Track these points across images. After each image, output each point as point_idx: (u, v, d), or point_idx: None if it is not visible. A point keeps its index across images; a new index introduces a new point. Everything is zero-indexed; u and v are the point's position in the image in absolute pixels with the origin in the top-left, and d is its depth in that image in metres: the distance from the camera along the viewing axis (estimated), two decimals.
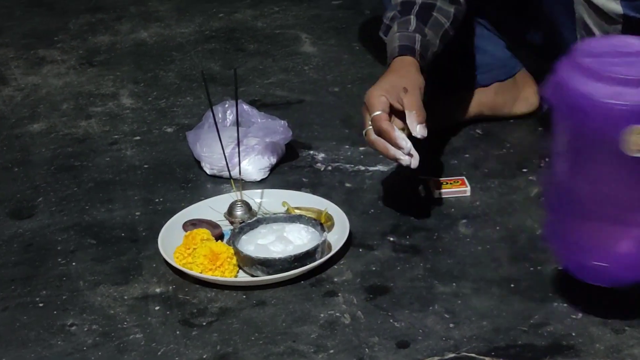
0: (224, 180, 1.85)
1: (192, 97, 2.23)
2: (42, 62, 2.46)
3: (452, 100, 1.96)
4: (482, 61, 1.94)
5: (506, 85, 1.97)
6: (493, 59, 1.95)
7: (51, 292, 1.58)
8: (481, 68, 1.95)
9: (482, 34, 1.93)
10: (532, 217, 1.70)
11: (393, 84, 1.62)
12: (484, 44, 1.94)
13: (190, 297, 1.55)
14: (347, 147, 1.96)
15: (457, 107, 1.96)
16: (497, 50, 1.95)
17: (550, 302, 1.49)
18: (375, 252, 1.64)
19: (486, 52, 1.95)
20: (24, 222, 1.78)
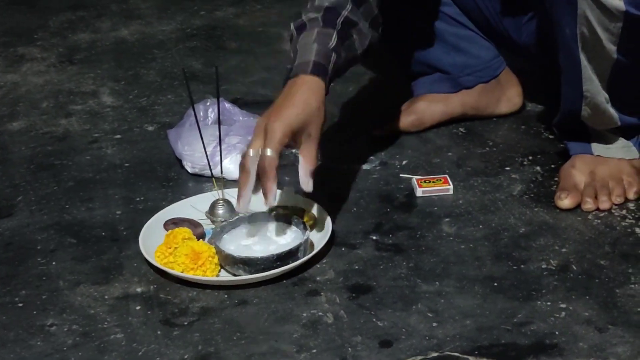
0: (205, 179, 1.84)
1: (173, 95, 2.22)
2: (21, 60, 2.45)
3: (434, 101, 1.95)
4: (466, 63, 1.94)
5: (490, 86, 1.97)
6: (477, 60, 1.94)
7: (31, 291, 1.57)
8: (465, 70, 1.94)
9: (466, 35, 1.93)
10: (515, 215, 1.70)
11: (301, 123, 1.52)
12: (467, 46, 1.94)
13: (172, 297, 1.54)
14: (329, 145, 1.94)
15: (440, 109, 1.96)
16: (481, 51, 1.95)
17: (533, 300, 1.49)
18: (358, 251, 1.63)
19: (470, 54, 1.94)
20: (3, 221, 1.76)
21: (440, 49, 1.93)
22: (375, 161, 1.89)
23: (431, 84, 1.96)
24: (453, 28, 1.92)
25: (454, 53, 1.93)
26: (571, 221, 1.68)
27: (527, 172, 1.82)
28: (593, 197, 1.70)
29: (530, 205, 1.73)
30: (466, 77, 1.95)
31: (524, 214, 1.70)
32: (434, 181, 1.77)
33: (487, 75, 1.95)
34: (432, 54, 1.93)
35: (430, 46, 1.92)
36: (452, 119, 1.97)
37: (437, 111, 1.96)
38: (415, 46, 1.94)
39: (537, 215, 1.70)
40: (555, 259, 1.58)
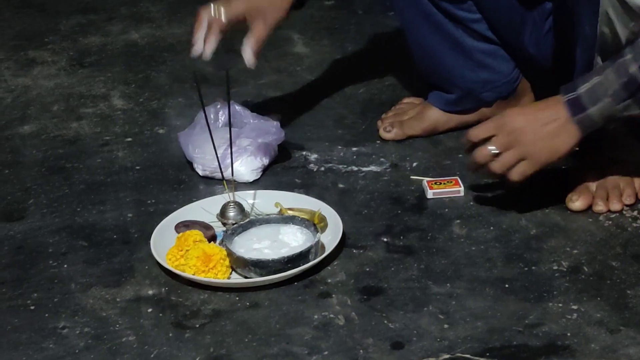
0: (216, 182, 1.84)
1: (183, 98, 2.22)
2: (32, 63, 2.45)
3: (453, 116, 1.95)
4: (488, 79, 1.92)
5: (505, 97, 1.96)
6: (498, 75, 1.92)
7: (42, 294, 1.57)
8: (486, 86, 1.92)
9: (491, 50, 1.91)
10: (526, 217, 1.70)
11: (258, 4, 1.77)
12: (491, 62, 1.91)
13: (183, 299, 1.54)
14: (340, 147, 1.95)
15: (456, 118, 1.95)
16: (502, 65, 1.92)
17: (544, 302, 1.49)
18: (369, 252, 1.63)
19: (493, 69, 1.92)
20: (15, 224, 1.76)
21: (466, 66, 1.90)
22: (385, 163, 1.89)
23: (450, 104, 1.95)
24: (481, 44, 1.89)
25: (479, 70, 1.91)
26: (582, 222, 1.67)
27: (538, 174, 1.80)
28: (604, 198, 1.70)
29: (541, 206, 1.72)
30: (487, 93, 1.93)
31: (535, 215, 1.70)
32: (445, 183, 1.77)
33: (506, 91, 1.93)
34: (458, 71, 1.91)
35: (456, 63, 1.90)
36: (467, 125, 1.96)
37: (453, 119, 1.95)
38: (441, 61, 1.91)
39: (548, 217, 1.69)
40: (566, 261, 1.58)
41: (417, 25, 1.87)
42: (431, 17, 1.86)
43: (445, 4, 1.84)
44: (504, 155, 1.59)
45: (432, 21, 1.87)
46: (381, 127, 1.96)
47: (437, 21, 1.86)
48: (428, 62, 1.91)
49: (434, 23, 1.87)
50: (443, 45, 1.89)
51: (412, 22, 1.87)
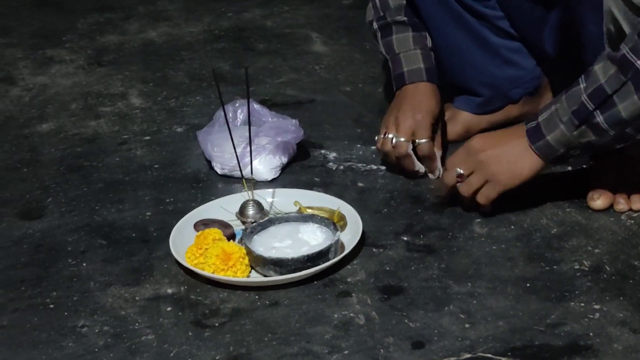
0: (235, 180, 1.84)
1: (201, 96, 2.21)
2: (50, 62, 2.45)
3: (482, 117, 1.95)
4: (515, 75, 1.91)
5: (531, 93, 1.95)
6: (525, 72, 1.91)
7: (62, 293, 1.57)
8: (514, 83, 1.92)
9: (515, 46, 1.90)
10: (547, 216, 1.69)
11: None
12: (517, 58, 1.90)
13: (203, 298, 1.53)
14: (359, 146, 1.94)
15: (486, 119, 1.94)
16: (527, 61, 1.91)
17: (566, 301, 1.48)
18: (389, 251, 1.62)
19: (519, 66, 1.91)
20: (34, 222, 1.76)
21: (493, 63, 1.89)
22: None
23: (480, 106, 1.94)
24: (507, 41, 1.89)
25: (505, 66, 1.90)
26: (604, 221, 1.66)
27: (559, 173, 1.81)
28: (626, 197, 1.68)
29: (562, 205, 1.71)
30: (514, 90, 1.92)
31: (556, 214, 1.69)
32: None
33: (532, 86, 1.93)
34: (485, 69, 1.90)
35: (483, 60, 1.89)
36: (496, 126, 1.96)
37: (483, 120, 1.94)
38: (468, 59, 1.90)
39: (570, 216, 1.68)
40: (588, 260, 1.57)
41: (443, 24, 1.87)
42: (457, 16, 1.86)
43: (470, 1, 1.83)
44: (470, 178, 1.64)
45: (458, 19, 1.86)
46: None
47: (463, 19, 1.86)
48: (455, 62, 1.90)
49: (460, 21, 1.86)
50: (469, 43, 1.88)
51: (438, 21, 1.86)
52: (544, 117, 1.58)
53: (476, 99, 1.93)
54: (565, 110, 1.55)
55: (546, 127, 1.57)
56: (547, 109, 1.58)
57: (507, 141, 1.62)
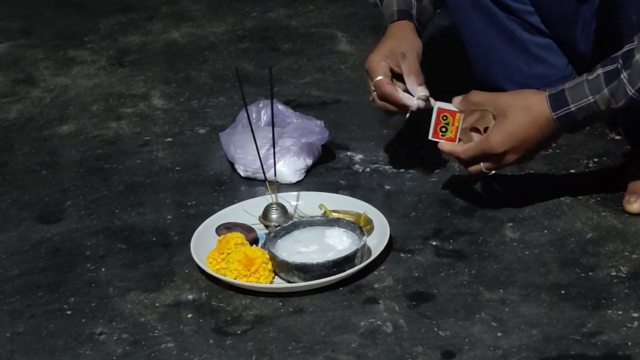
0: (258, 183, 1.81)
1: (225, 97, 2.18)
2: (71, 63, 2.44)
3: None
4: (545, 73, 1.88)
5: None
6: (555, 70, 1.88)
7: (79, 299, 1.54)
8: (543, 81, 1.87)
9: (545, 43, 1.86)
10: (581, 220, 1.64)
11: (392, 49, 1.69)
12: (546, 55, 1.87)
13: (224, 305, 1.50)
14: (386, 147, 1.91)
15: None
16: (557, 59, 1.88)
17: (603, 309, 1.43)
18: (418, 257, 1.58)
19: (548, 63, 1.88)
20: (52, 226, 1.73)
21: (522, 60, 1.86)
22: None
23: None
24: (536, 38, 1.86)
25: (534, 64, 1.87)
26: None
27: (593, 175, 1.76)
28: None
29: (597, 209, 1.66)
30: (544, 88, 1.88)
31: (590, 218, 1.64)
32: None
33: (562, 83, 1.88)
34: (514, 65, 1.87)
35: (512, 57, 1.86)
36: None
37: None
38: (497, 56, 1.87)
39: (605, 220, 1.64)
40: (625, 266, 1.52)
41: (472, 20, 1.85)
42: (486, 11, 1.84)
43: None
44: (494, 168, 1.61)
45: (488, 15, 1.84)
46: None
47: (493, 14, 1.84)
48: (483, 58, 1.87)
49: (489, 16, 1.84)
50: (498, 39, 1.85)
51: (468, 16, 1.85)
52: (570, 86, 1.53)
53: None
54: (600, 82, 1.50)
55: (572, 96, 1.52)
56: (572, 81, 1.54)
57: (525, 134, 1.55)
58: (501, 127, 1.56)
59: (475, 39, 1.86)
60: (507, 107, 1.55)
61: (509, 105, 1.55)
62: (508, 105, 1.55)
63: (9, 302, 1.54)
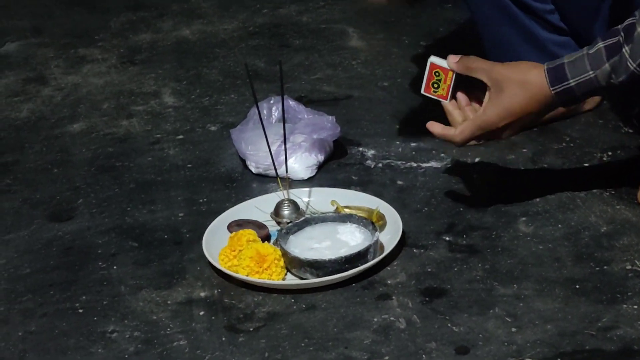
0: (270, 179, 1.80)
1: (236, 94, 2.17)
2: (82, 61, 2.43)
3: None
4: None
5: None
6: None
7: (91, 297, 1.53)
8: None
9: (564, 41, 1.84)
10: (595, 213, 1.63)
11: None
12: (564, 53, 1.84)
13: (237, 302, 1.49)
14: (397, 143, 1.89)
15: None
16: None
17: (619, 303, 1.42)
18: (431, 252, 1.57)
19: None
20: (64, 224, 1.73)
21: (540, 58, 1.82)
22: (446, 159, 1.82)
23: None
24: (555, 36, 1.84)
25: None
26: None
27: (607, 168, 1.75)
28: None
29: (611, 202, 1.65)
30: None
31: (605, 211, 1.63)
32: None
33: None
34: None
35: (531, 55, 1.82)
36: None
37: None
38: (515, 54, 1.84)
39: (620, 213, 1.62)
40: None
41: (491, 18, 1.83)
42: (505, 9, 1.81)
43: None
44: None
45: (506, 13, 1.82)
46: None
47: (511, 13, 1.81)
48: (501, 56, 1.84)
49: (508, 15, 1.82)
50: (517, 38, 1.83)
51: (486, 15, 1.82)
52: (570, 60, 1.50)
53: None
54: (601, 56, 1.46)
55: (571, 70, 1.49)
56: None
57: (523, 109, 1.51)
58: (497, 102, 1.51)
59: (494, 37, 1.84)
60: (503, 80, 1.51)
61: (506, 78, 1.51)
62: (504, 78, 1.51)
63: (21, 300, 1.54)
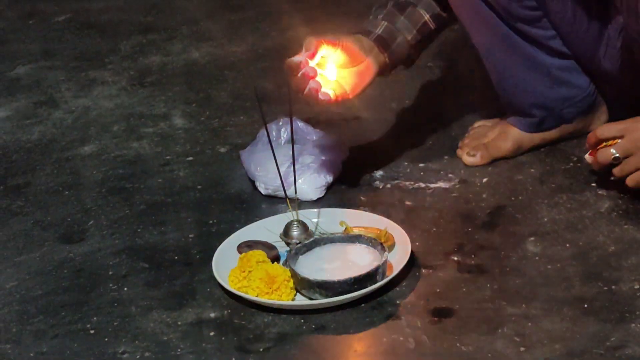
0: (279, 200, 1.80)
1: (245, 116, 2.18)
2: (92, 83, 2.44)
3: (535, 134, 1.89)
4: (568, 95, 1.86)
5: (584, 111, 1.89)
6: (578, 90, 1.86)
7: (102, 318, 1.54)
8: (566, 102, 1.86)
9: (567, 65, 1.84)
10: (603, 233, 1.63)
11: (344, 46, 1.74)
12: (569, 76, 1.85)
13: (246, 322, 1.50)
14: (406, 163, 1.90)
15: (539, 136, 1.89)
16: (580, 79, 1.86)
17: (627, 322, 1.42)
18: (439, 272, 1.57)
19: (571, 84, 1.86)
20: (74, 246, 1.74)
21: (545, 84, 1.84)
22: (454, 179, 1.83)
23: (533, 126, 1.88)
24: (558, 61, 1.83)
25: (558, 87, 1.85)
26: None
27: (615, 188, 1.75)
28: None
29: (619, 222, 1.65)
30: (567, 109, 1.87)
31: (613, 231, 1.63)
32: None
33: (585, 104, 1.87)
34: (537, 90, 1.84)
35: (535, 82, 1.84)
36: (549, 142, 1.90)
37: (536, 137, 1.88)
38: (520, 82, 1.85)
39: (627, 233, 1.62)
40: None
41: (494, 49, 1.83)
42: (507, 39, 1.81)
43: (520, 24, 1.78)
44: (626, 162, 1.64)
45: (509, 43, 1.81)
46: (463, 154, 1.89)
47: (514, 42, 1.81)
48: (507, 84, 1.86)
49: (511, 44, 1.81)
50: (521, 66, 1.83)
51: (489, 46, 1.82)
52: None
53: (530, 120, 1.87)
54: None
55: None
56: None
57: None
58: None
59: (497, 66, 1.84)
60: None
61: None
62: None
63: (33, 322, 1.54)
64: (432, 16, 1.80)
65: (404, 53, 1.80)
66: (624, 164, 1.64)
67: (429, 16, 1.80)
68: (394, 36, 1.78)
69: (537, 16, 1.78)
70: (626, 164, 1.64)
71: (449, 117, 2.06)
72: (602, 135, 1.66)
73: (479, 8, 1.78)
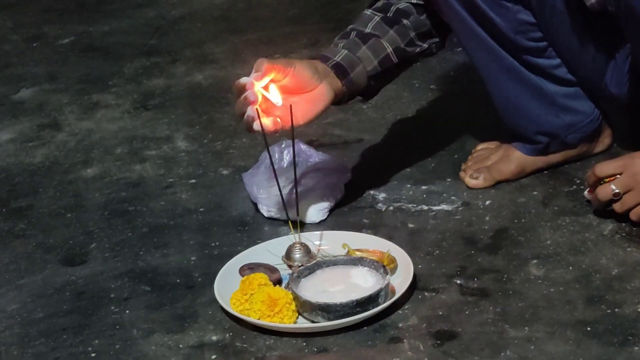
0: (281, 223, 1.80)
1: (248, 138, 2.18)
2: (96, 107, 2.45)
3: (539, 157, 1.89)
4: (573, 121, 1.86)
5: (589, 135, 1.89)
6: (583, 116, 1.86)
7: (104, 341, 1.53)
8: (571, 128, 1.86)
9: (572, 92, 1.84)
10: (606, 256, 1.62)
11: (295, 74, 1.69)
12: (574, 104, 1.85)
13: (248, 345, 1.49)
14: (408, 186, 1.90)
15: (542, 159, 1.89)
16: (585, 105, 1.85)
17: (630, 346, 1.41)
18: (442, 295, 1.57)
19: (576, 111, 1.85)
20: (76, 269, 1.73)
21: (550, 112, 1.84)
22: (457, 202, 1.82)
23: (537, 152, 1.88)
24: (563, 89, 1.83)
25: (563, 114, 1.84)
26: None
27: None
28: None
29: (622, 245, 1.64)
30: (571, 135, 1.86)
31: (616, 254, 1.62)
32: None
33: (590, 129, 1.87)
34: (542, 119, 1.84)
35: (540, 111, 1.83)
36: (553, 166, 1.90)
37: (539, 160, 1.88)
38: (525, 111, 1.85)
39: (631, 255, 1.62)
40: None
41: (498, 79, 1.82)
42: (512, 70, 1.80)
43: (526, 56, 1.78)
44: (625, 198, 1.65)
45: (513, 73, 1.81)
46: (466, 176, 1.88)
47: (518, 72, 1.81)
48: (512, 113, 1.86)
49: (515, 75, 1.81)
50: (526, 95, 1.83)
51: (494, 76, 1.82)
52: None
53: (533, 145, 1.87)
54: None
55: None
56: None
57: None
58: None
59: (501, 95, 1.84)
60: None
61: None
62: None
63: (34, 345, 1.54)
64: (395, 49, 1.78)
65: (362, 83, 1.76)
66: (625, 199, 1.64)
67: (392, 49, 1.78)
68: (353, 65, 1.74)
69: (542, 47, 1.78)
70: (627, 199, 1.64)
71: (451, 139, 2.06)
72: (602, 173, 1.66)
73: (483, 40, 1.78)
